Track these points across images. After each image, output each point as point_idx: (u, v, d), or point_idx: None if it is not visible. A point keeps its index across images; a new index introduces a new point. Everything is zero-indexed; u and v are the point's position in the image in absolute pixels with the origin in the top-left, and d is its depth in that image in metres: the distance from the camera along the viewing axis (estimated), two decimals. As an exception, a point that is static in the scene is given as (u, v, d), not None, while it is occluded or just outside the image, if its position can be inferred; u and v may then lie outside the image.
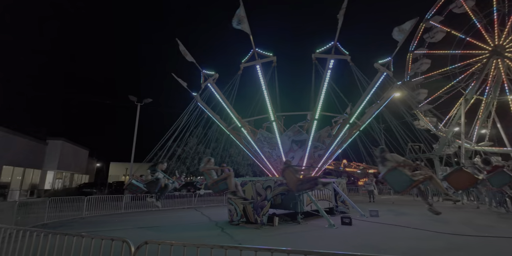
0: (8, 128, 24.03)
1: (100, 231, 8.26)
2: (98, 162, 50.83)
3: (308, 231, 7.97)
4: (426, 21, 23.53)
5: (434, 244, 6.16)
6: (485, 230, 7.56)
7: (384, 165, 6.34)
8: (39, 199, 11.73)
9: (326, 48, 10.07)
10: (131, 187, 8.45)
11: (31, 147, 27.50)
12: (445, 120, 25.52)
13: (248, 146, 12.07)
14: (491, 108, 23.71)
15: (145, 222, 10.18)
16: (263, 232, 7.99)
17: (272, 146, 11.44)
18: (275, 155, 11.42)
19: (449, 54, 23.84)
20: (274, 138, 11.23)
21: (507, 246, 5.94)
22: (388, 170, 6.21)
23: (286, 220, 9.74)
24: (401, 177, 5.99)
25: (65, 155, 32.43)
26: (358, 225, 8.76)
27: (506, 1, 21.23)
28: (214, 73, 11.74)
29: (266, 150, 11.53)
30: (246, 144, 12.15)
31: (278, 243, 6.31)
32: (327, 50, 10.08)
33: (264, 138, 11.61)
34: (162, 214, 12.52)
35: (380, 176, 6.55)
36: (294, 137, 11.34)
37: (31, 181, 27.60)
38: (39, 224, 9.34)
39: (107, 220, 10.84)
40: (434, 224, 8.57)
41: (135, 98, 22.85)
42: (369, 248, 5.86)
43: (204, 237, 7.29)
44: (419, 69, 23.63)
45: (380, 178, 6.86)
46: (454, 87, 24.64)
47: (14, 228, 4.16)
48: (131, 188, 8.50)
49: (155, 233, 7.90)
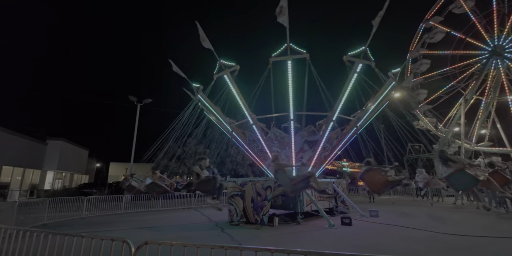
0: (8, 128, 24.02)
1: (100, 231, 8.25)
2: (98, 162, 50.81)
3: (308, 232, 7.97)
4: (426, 22, 23.54)
5: (434, 245, 6.16)
6: (485, 231, 7.56)
7: (449, 166, 6.54)
8: (39, 199, 11.72)
9: (356, 52, 9.82)
10: (154, 188, 8.25)
11: (31, 147, 27.48)
12: (444, 120, 25.53)
13: (253, 145, 11.91)
14: (491, 108, 23.72)
15: (145, 222, 10.17)
16: (263, 232, 7.99)
17: (283, 145, 11.23)
18: (284, 154, 11.26)
19: (448, 54, 23.86)
20: (287, 138, 11.01)
21: (507, 247, 5.94)
22: (454, 171, 6.45)
23: (286, 220, 9.75)
24: (466, 177, 6.20)
25: (65, 155, 32.42)
26: (358, 225, 8.76)
27: (506, 2, 21.26)
28: (235, 65, 10.85)
29: (275, 149, 11.24)
30: (250, 143, 11.99)
31: (278, 244, 6.31)
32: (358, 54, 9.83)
33: (276, 137, 11.40)
34: (162, 214, 12.52)
35: (444, 177, 6.80)
36: (308, 137, 11.26)
37: (30, 181, 27.58)
38: (39, 224, 9.33)
39: (107, 220, 10.84)
40: (434, 225, 8.57)
41: (135, 98, 22.89)
42: (369, 248, 5.87)
43: (204, 237, 7.29)
44: (419, 69, 23.63)
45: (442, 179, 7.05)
46: (453, 87, 24.66)
47: (14, 228, 4.16)
48: (153, 189, 8.31)
49: (155, 233, 7.90)
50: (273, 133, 11.52)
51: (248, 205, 9.58)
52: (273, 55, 10.23)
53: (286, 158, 11.24)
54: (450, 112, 25.25)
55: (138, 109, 23.02)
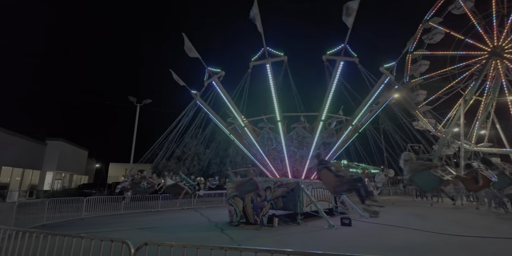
0: (7, 128, 23.98)
1: (100, 232, 8.23)
2: (98, 163, 50.74)
3: (308, 232, 7.97)
4: (426, 22, 23.57)
5: (433, 245, 6.16)
6: (485, 231, 7.57)
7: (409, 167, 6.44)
8: (38, 200, 11.67)
9: (336, 50, 10.05)
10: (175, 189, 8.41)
11: (30, 147, 27.44)
12: (444, 121, 25.57)
13: (250, 146, 11.98)
14: (490, 109, 23.76)
15: (144, 223, 10.16)
16: (262, 233, 7.99)
17: (301, 145, 11.29)
18: (299, 154, 11.36)
19: (448, 55, 23.89)
20: (308, 138, 11.10)
21: (506, 247, 5.95)
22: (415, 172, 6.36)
23: (286, 221, 9.74)
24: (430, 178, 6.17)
25: (64, 156, 32.36)
26: (357, 226, 8.76)
27: (505, 2, 21.31)
28: (220, 71, 11.49)
29: (291, 148, 11.30)
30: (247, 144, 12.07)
31: (277, 244, 6.31)
32: (337, 52, 10.09)
33: (297, 136, 11.44)
34: (162, 215, 12.51)
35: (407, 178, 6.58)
36: (326, 139, 11.34)
37: (30, 182, 27.51)
38: (38, 225, 9.31)
39: (106, 221, 10.82)
40: (433, 225, 8.58)
41: (135, 98, 22.88)
42: (369, 249, 5.87)
43: (203, 238, 7.28)
44: (418, 70, 23.68)
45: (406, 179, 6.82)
46: (453, 88, 24.70)
47: (13, 229, 4.15)
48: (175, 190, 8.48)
49: (155, 234, 7.89)
50: (296, 132, 11.52)
51: (248, 206, 9.58)
52: (252, 60, 10.84)
53: (300, 158, 11.33)
54: (450, 112, 25.31)
55: (138, 109, 23.02)
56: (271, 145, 11.53)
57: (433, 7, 23.58)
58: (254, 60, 10.81)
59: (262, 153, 11.50)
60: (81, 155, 39.43)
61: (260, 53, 10.58)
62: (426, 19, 23.57)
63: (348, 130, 11.10)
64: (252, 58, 10.83)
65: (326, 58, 10.33)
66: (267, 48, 10.41)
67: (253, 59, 10.82)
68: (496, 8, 21.46)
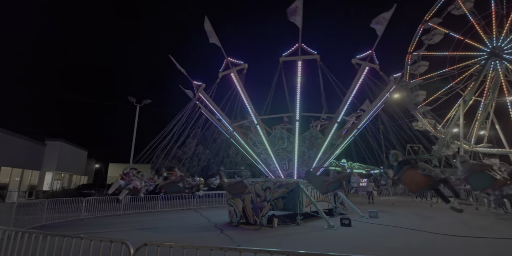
0: (7, 128, 23.96)
1: (99, 232, 8.23)
2: (97, 163, 50.64)
3: (308, 233, 7.97)
4: (425, 23, 23.60)
5: (433, 245, 6.17)
6: (484, 232, 7.57)
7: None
8: (38, 200, 11.64)
9: (364, 55, 9.93)
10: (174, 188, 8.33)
11: (30, 148, 27.40)
12: (444, 121, 25.59)
13: (256, 144, 11.88)
14: (490, 109, 23.79)
15: (144, 223, 10.15)
16: (262, 233, 7.99)
17: (312, 146, 11.32)
18: (307, 155, 11.41)
19: (447, 55, 23.92)
20: (320, 139, 11.10)
21: (506, 248, 5.96)
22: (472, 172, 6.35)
23: (286, 221, 9.74)
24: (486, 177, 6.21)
25: (63, 156, 32.30)
26: (357, 226, 8.76)
27: (504, 3, 21.35)
28: (243, 63, 10.75)
29: (302, 149, 11.25)
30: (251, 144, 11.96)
31: (277, 245, 6.30)
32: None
33: (310, 137, 11.40)
34: (161, 216, 12.49)
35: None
36: (334, 141, 11.41)
37: (29, 182, 27.47)
38: (38, 225, 9.29)
39: (106, 221, 10.81)
40: (433, 225, 8.58)
41: (134, 99, 22.85)
42: (368, 249, 5.87)
43: (203, 239, 7.29)
44: (417, 71, 23.72)
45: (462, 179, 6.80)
46: (452, 88, 24.70)
47: (12, 229, 4.14)
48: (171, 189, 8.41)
49: (155, 235, 7.88)
50: (310, 133, 11.50)
51: (247, 206, 9.57)
52: (283, 55, 10.16)
53: (308, 159, 11.37)
54: (449, 113, 25.32)
55: (138, 109, 23.00)
56: (282, 144, 11.47)
57: (433, 8, 23.62)
58: (285, 56, 10.12)
59: (271, 152, 11.31)
60: (80, 156, 39.37)
61: (294, 49, 9.85)
62: (426, 19, 23.62)
63: (334, 128, 10.93)
64: (283, 54, 10.14)
65: (355, 62, 10.17)
66: (301, 44, 9.71)
67: (284, 55, 10.12)
68: (496, 9, 21.51)
